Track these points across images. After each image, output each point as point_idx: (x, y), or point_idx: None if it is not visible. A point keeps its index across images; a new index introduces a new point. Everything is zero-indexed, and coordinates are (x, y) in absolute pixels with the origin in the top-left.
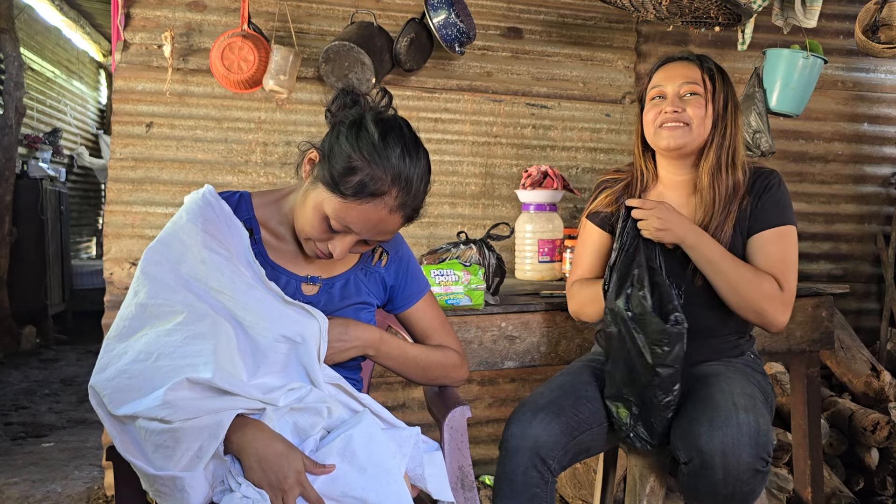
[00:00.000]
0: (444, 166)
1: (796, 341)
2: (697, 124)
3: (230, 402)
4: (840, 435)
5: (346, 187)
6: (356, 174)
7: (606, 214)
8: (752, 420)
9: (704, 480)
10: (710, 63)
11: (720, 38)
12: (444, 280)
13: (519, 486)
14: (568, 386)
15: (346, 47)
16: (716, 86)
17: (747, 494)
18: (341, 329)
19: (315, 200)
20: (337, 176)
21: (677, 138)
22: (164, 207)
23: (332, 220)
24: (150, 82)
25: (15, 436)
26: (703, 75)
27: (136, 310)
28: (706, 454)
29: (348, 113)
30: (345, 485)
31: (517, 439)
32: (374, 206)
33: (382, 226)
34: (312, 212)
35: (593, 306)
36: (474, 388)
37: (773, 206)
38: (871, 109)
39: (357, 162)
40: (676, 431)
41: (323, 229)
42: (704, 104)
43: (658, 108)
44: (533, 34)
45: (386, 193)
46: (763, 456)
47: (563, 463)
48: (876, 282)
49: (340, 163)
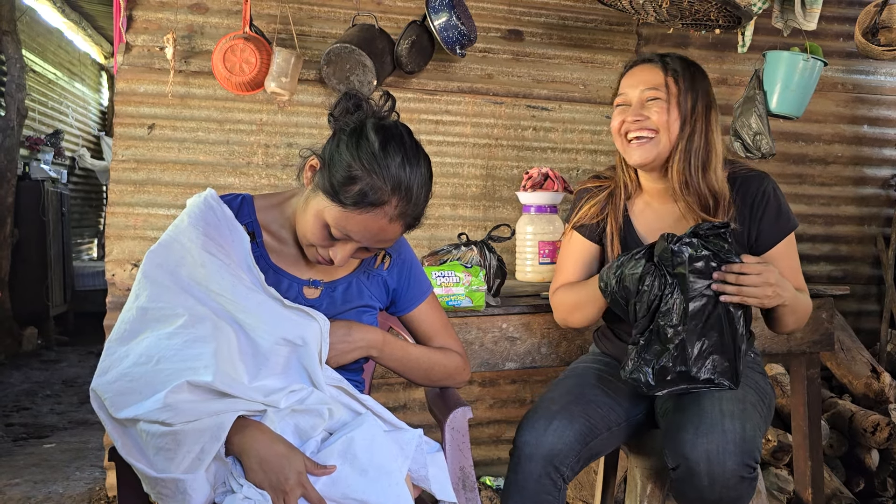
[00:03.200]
0: (445, 168)
1: (796, 343)
2: (663, 132)
3: (231, 405)
4: (840, 436)
5: (346, 196)
6: (356, 183)
7: (592, 225)
8: (739, 427)
9: (691, 486)
10: (675, 64)
11: (720, 40)
12: (446, 281)
13: (530, 494)
14: (577, 391)
15: (347, 49)
16: (680, 86)
17: (735, 500)
18: (345, 331)
19: (316, 208)
20: (337, 185)
21: (645, 153)
22: (165, 209)
23: (332, 228)
24: (152, 84)
25: (16, 437)
26: (666, 78)
27: (136, 313)
28: (691, 461)
29: (350, 119)
30: (346, 487)
31: (531, 447)
32: (374, 216)
33: (383, 234)
34: (313, 219)
35: (580, 313)
36: (475, 390)
37: (776, 219)
38: (870, 111)
39: (357, 171)
40: (665, 437)
41: (324, 236)
42: (667, 108)
43: (622, 117)
44: (534, 36)
45: (386, 203)
46: (749, 463)
47: (575, 470)
48: (876, 283)
49: (341, 172)
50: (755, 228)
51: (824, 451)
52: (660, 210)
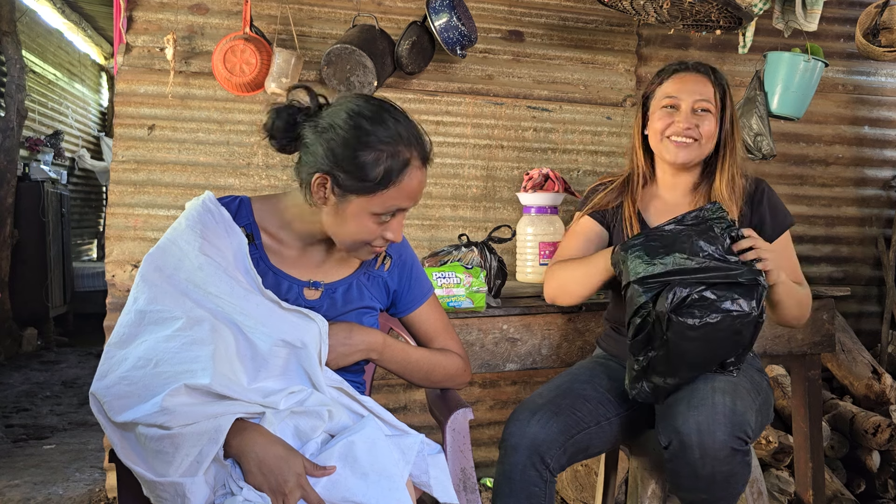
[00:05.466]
0: (446, 169)
1: (797, 344)
2: (706, 141)
3: (229, 407)
4: (841, 437)
5: (379, 181)
6: (378, 165)
7: (604, 211)
8: (729, 401)
9: (683, 462)
10: (722, 79)
11: (721, 41)
12: (446, 282)
13: (517, 485)
14: (566, 386)
15: (348, 50)
16: (725, 102)
17: (727, 476)
18: (345, 334)
19: (355, 211)
20: (365, 178)
21: (685, 155)
22: (165, 210)
23: (382, 214)
24: (152, 85)
25: (16, 438)
26: (715, 92)
27: (135, 316)
28: (683, 434)
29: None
30: (346, 490)
31: (515, 438)
32: (410, 176)
33: (423, 185)
34: (358, 221)
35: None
36: (476, 391)
37: (773, 216)
38: (871, 112)
39: (369, 156)
40: (659, 416)
41: (376, 227)
42: (715, 121)
43: (669, 119)
44: (534, 37)
45: (410, 159)
46: (739, 435)
47: (561, 462)
48: (877, 284)
49: (358, 167)
50: (756, 225)
51: (825, 453)
52: (670, 202)
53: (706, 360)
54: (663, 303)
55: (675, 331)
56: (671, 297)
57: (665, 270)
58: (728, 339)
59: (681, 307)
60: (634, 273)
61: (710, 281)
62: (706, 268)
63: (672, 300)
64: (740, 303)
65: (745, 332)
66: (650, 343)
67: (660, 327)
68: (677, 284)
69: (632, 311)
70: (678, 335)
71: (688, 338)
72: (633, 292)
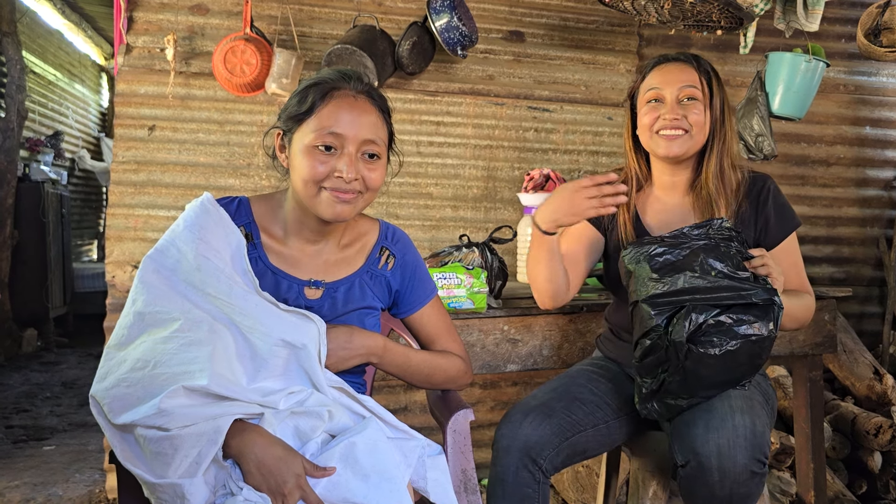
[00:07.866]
0: (446, 169)
1: (799, 345)
2: (697, 130)
3: (228, 408)
4: (843, 438)
5: (309, 107)
6: (308, 94)
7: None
8: (749, 422)
9: (701, 483)
10: (706, 65)
11: (722, 41)
12: (447, 283)
13: (510, 487)
14: (561, 388)
15: (348, 51)
16: (713, 90)
17: (744, 497)
18: (345, 337)
19: (297, 149)
20: (297, 109)
21: (677, 147)
22: (166, 210)
23: (319, 140)
24: (152, 86)
25: (16, 439)
26: (700, 78)
27: (133, 318)
28: (702, 456)
29: None
30: (346, 491)
31: (507, 439)
32: (339, 100)
33: (363, 117)
34: (303, 153)
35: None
36: (476, 392)
37: (780, 217)
38: (872, 113)
39: (302, 89)
40: (674, 434)
41: (321, 159)
42: (703, 109)
43: (656, 113)
44: (535, 37)
45: (340, 88)
46: (759, 458)
47: (555, 463)
48: (878, 285)
49: (294, 103)
50: (761, 226)
51: (827, 454)
52: (668, 204)
53: (724, 382)
54: (680, 331)
55: (693, 360)
56: (687, 325)
57: (676, 289)
58: (747, 363)
59: (697, 335)
60: (644, 292)
61: (724, 303)
62: (719, 287)
63: (688, 328)
64: (757, 326)
65: (764, 353)
66: (660, 365)
67: (675, 354)
68: (692, 310)
69: (641, 331)
70: (696, 363)
71: (706, 365)
72: (644, 313)
